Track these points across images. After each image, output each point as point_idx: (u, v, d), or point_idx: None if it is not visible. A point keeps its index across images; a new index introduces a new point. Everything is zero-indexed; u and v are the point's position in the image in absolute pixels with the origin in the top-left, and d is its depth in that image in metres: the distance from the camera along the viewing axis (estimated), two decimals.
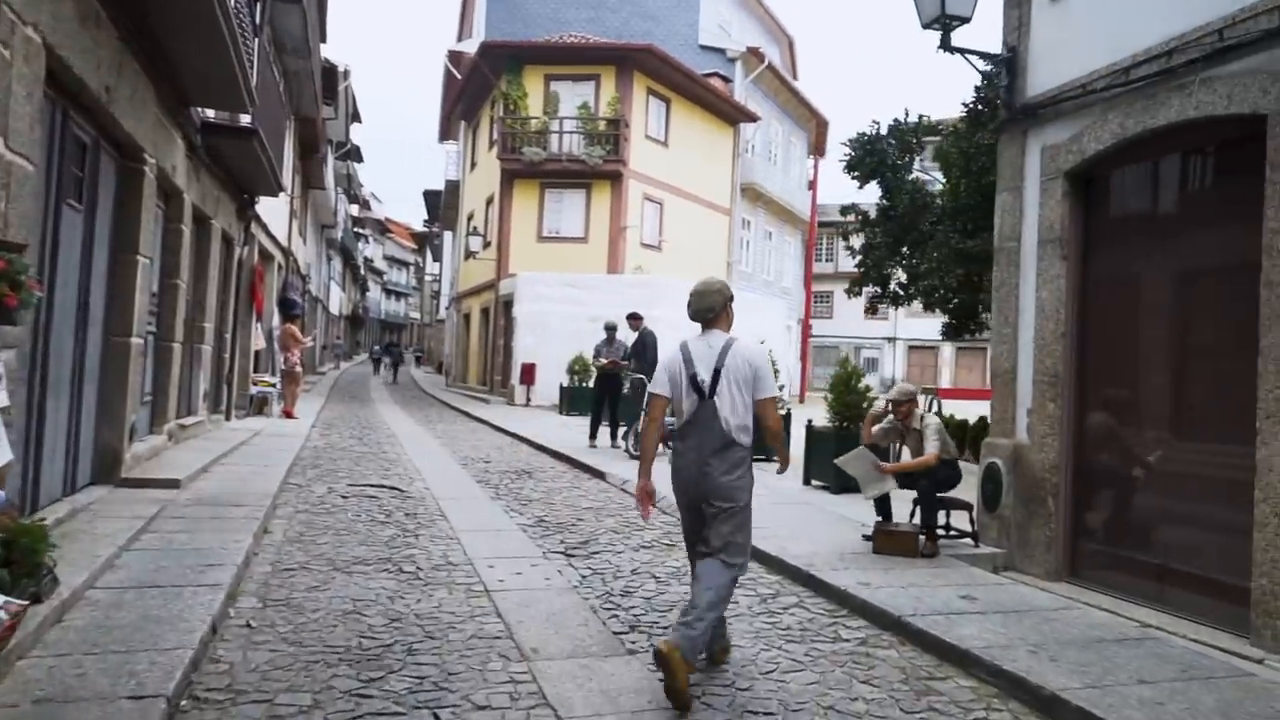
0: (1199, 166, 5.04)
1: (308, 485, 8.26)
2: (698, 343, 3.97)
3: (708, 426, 3.82)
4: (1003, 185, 6.39)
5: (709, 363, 3.86)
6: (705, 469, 3.81)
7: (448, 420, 17.25)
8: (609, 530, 6.84)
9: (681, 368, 3.91)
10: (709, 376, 3.84)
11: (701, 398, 3.84)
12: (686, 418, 3.89)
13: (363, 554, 5.70)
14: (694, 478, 3.85)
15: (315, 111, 18.07)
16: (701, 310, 4.00)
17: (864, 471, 6.08)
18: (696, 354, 3.91)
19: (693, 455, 3.85)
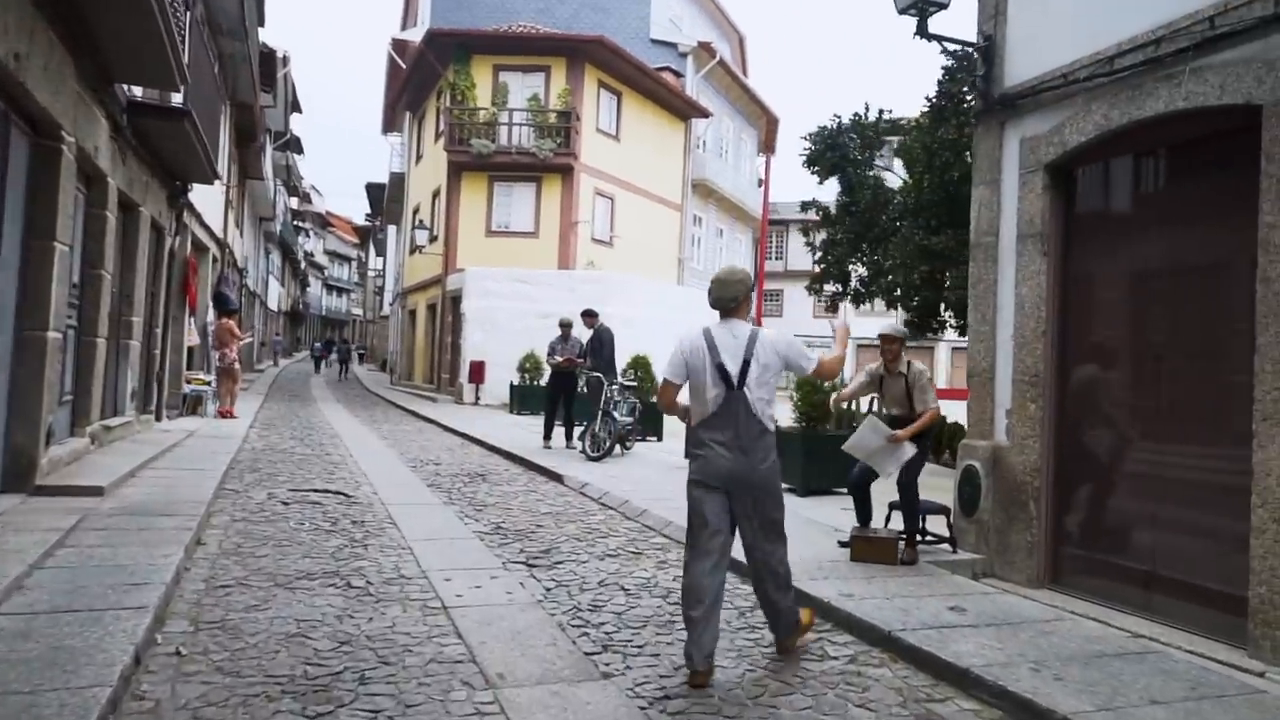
0: (1188, 159, 4.89)
1: (246, 491, 7.74)
2: (720, 331, 3.92)
3: (742, 417, 3.82)
4: (979, 178, 6.20)
5: (736, 353, 3.85)
6: (743, 459, 3.82)
7: (394, 420, 16.67)
8: (571, 537, 6.49)
9: (706, 356, 3.86)
10: (738, 367, 3.83)
11: (730, 388, 3.82)
12: (713, 408, 3.85)
13: (307, 567, 5.25)
14: (729, 468, 3.84)
15: (253, 98, 17.31)
16: (724, 299, 3.99)
17: (877, 446, 5.72)
18: (721, 343, 3.87)
19: (725, 446, 3.84)
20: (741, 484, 3.86)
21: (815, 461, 8.17)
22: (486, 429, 13.79)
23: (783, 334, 4.11)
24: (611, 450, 10.20)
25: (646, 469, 9.73)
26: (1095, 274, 5.49)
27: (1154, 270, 5.13)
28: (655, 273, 24.24)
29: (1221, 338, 4.69)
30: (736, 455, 3.83)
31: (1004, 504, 5.77)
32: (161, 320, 11.39)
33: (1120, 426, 5.29)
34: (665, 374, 4.04)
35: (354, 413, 17.96)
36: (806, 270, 42.20)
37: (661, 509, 7.20)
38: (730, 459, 3.83)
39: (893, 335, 6.00)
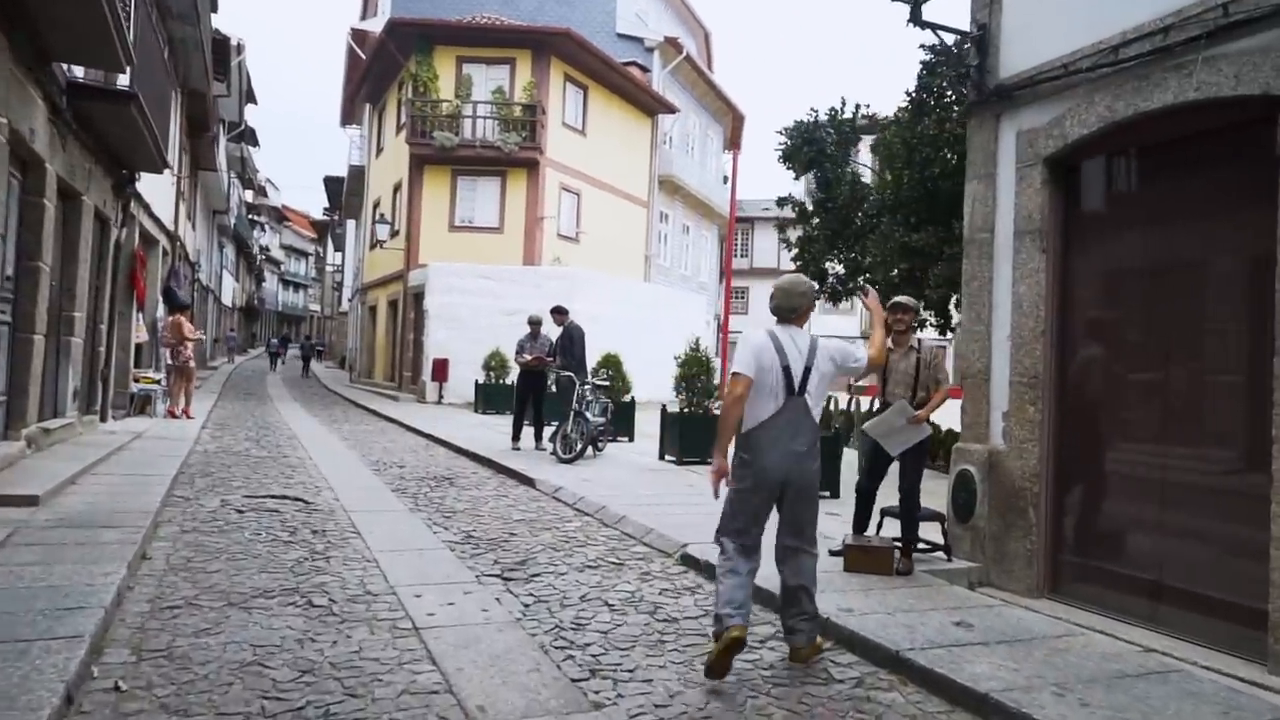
0: (1198, 152, 4.70)
1: (197, 498, 7.27)
2: (784, 335, 4.04)
3: (800, 421, 3.96)
4: (972, 172, 5.98)
5: (800, 359, 3.98)
6: (797, 460, 3.95)
7: (354, 419, 16.15)
8: (546, 547, 6.15)
9: (775, 356, 3.95)
10: (800, 373, 3.96)
11: (790, 393, 3.94)
12: (773, 410, 3.93)
13: (264, 584, 4.85)
14: (781, 468, 3.94)
15: (205, 86, 16.63)
16: (785, 308, 4.13)
17: (897, 427, 5.47)
18: (788, 346, 3.99)
19: (780, 447, 3.93)
20: (791, 486, 3.97)
21: None
22: (451, 429, 13.37)
23: (836, 342, 4.24)
24: (584, 452, 9.87)
25: (621, 471, 9.42)
26: (1097, 272, 5.29)
27: (1160, 268, 4.93)
28: (622, 270, 23.92)
29: (1234, 338, 4.51)
30: (791, 459, 3.93)
31: (1001, 510, 5.55)
32: (107, 316, 10.80)
33: (1124, 430, 5.10)
34: (738, 367, 3.97)
35: (312, 412, 17.38)
36: (772, 268, 42.34)
37: (640, 515, 6.89)
38: (785, 462, 3.93)
39: (906, 304, 5.70)
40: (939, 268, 9.00)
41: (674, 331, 23.56)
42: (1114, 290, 5.23)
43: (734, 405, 3.96)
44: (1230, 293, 4.60)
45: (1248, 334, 4.40)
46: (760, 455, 3.94)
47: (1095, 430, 5.25)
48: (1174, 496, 4.74)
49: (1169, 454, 4.80)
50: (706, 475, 9.91)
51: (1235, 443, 4.49)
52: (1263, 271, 4.17)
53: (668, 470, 9.70)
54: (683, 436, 10.09)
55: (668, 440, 10.43)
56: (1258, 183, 4.22)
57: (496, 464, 9.78)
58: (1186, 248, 4.80)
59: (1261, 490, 4.08)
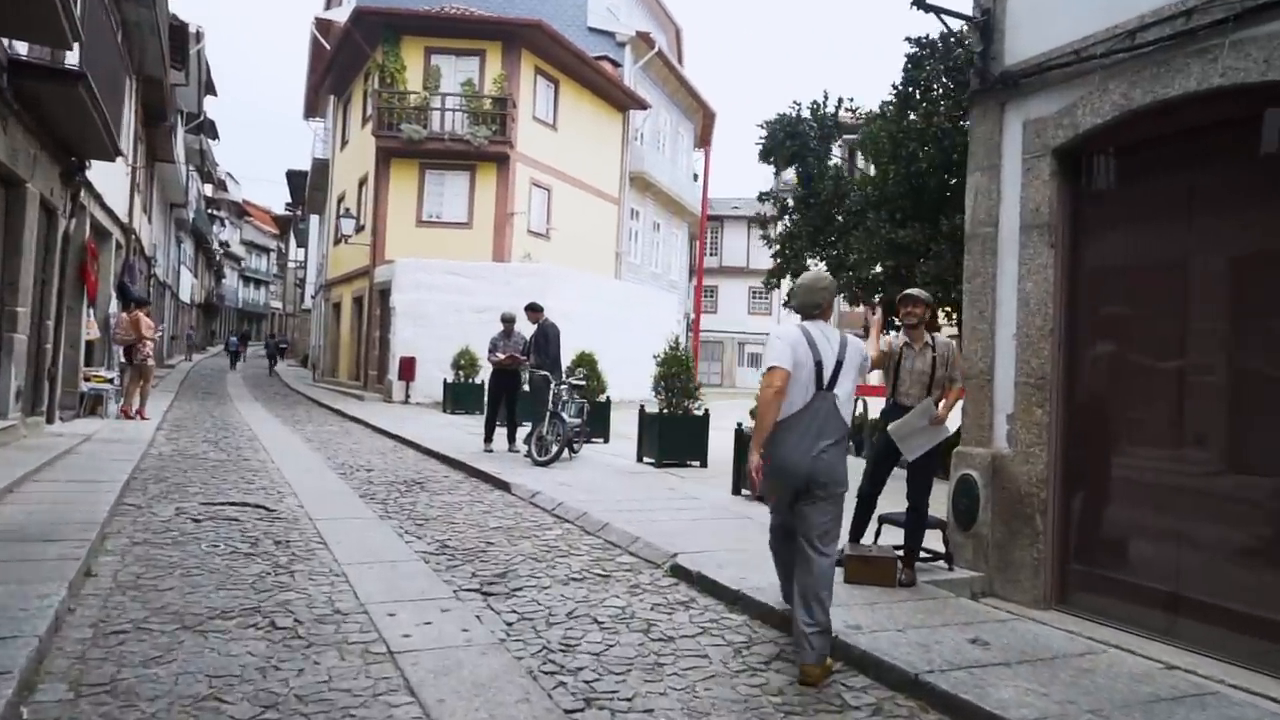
0: (1221, 141, 4.48)
1: (149, 506, 6.80)
2: (814, 330, 4.01)
3: (828, 417, 3.92)
4: (975, 164, 5.73)
5: (830, 355, 3.97)
6: (822, 456, 3.88)
7: (318, 420, 15.61)
8: (527, 557, 5.79)
9: (808, 351, 3.93)
10: (831, 368, 3.95)
11: (819, 388, 3.91)
12: (801, 406, 3.89)
13: (222, 603, 4.45)
14: (807, 465, 3.87)
15: (162, 72, 15.98)
16: (808, 305, 4.14)
17: (919, 428, 5.16)
18: (820, 342, 3.97)
19: (807, 444, 3.87)
20: (815, 483, 3.89)
21: None
22: (420, 430, 12.93)
23: (861, 341, 4.30)
24: (560, 454, 9.51)
25: (599, 475, 9.08)
26: (1108, 267, 5.06)
27: (1177, 263, 4.71)
28: (592, 267, 23.55)
29: (1258, 337, 4.29)
30: (817, 453, 3.87)
31: (1005, 517, 5.31)
32: (55, 311, 10.22)
33: (1137, 433, 4.87)
34: (775, 361, 3.90)
35: (274, 412, 16.80)
36: (741, 267, 42.30)
37: (624, 522, 6.56)
38: (809, 457, 3.87)
39: (917, 296, 5.39)
40: (926, 265, 8.77)
41: (645, 330, 23.27)
42: (1127, 287, 5.00)
43: (774, 399, 3.89)
44: (1252, 289, 4.38)
45: (1272, 332, 4.19)
46: (781, 450, 3.89)
47: (1106, 433, 5.02)
48: (1192, 503, 4.51)
49: (1186, 458, 4.58)
50: (688, 478, 9.62)
51: (1259, 446, 4.27)
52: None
53: (647, 473, 9.37)
54: (662, 438, 9.78)
55: (646, 442, 10.11)
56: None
57: (469, 467, 9.39)
58: (1206, 242, 4.57)
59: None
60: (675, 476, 9.15)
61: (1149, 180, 4.87)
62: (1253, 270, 4.40)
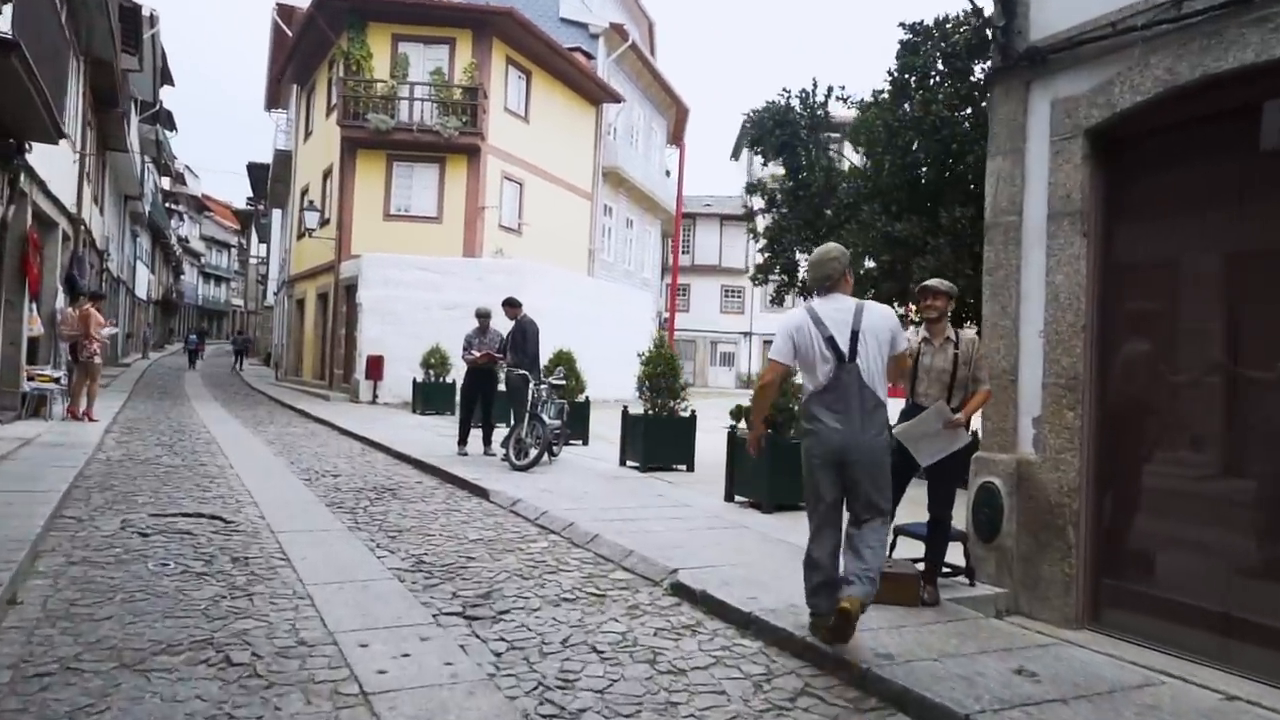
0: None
1: (92, 519, 6.19)
2: (824, 306, 3.98)
3: (855, 390, 3.88)
4: (996, 148, 5.33)
5: (844, 326, 3.90)
6: (854, 432, 3.87)
7: (280, 421, 14.92)
8: (512, 574, 5.29)
9: (814, 331, 3.91)
10: (848, 339, 3.89)
11: (841, 361, 3.88)
12: (825, 383, 3.90)
13: (168, 634, 3.90)
14: (842, 443, 3.88)
15: (112, 54, 15.17)
16: (820, 278, 4.09)
17: (932, 432, 4.70)
18: (827, 317, 3.92)
19: (839, 420, 3.87)
20: (852, 457, 3.88)
21: (782, 473, 7.21)
22: (389, 432, 12.34)
23: (887, 308, 4.15)
24: (540, 458, 9.00)
25: (582, 480, 8.58)
26: (1147, 258, 4.69)
27: (1225, 253, 4.34)
28: (565, 263, 23.01)
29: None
30: (848, 428, 3.87)
31: (1032, 529, 4.91)
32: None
33: (1180, 439, 4.50)
34: (771, 354, 4.06)
35: (234, 412, 16.07)
36: (714, 265, 41.98)
37: (615, 534, 6.08)
38: (842, 431, 3.87)
39: (937, 288, 4.95)
40: (924, 260, 8.40)
41: (618, 328, 22.80)
42: (1168, 279, 4.63)
43: (763, 391, 4.20)
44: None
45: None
46: (818, 424, 3.93)
47: (1145, 438, 4.64)
48: (1243, 515, 4.14)
49: (1236, 466, 4.21)
50: (677, 484, 9.09)
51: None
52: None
53: (632, 478, 8.90)
54: (647, 441, 9.31)
55: (630, 444, 9.64)
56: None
57: (443, 472, 8.84)
58: (1258, 231, 4.20)
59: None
60: (662, 481, 8.69)
61: (1194, 163, 4.49)
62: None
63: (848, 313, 3.94)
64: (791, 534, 6.41)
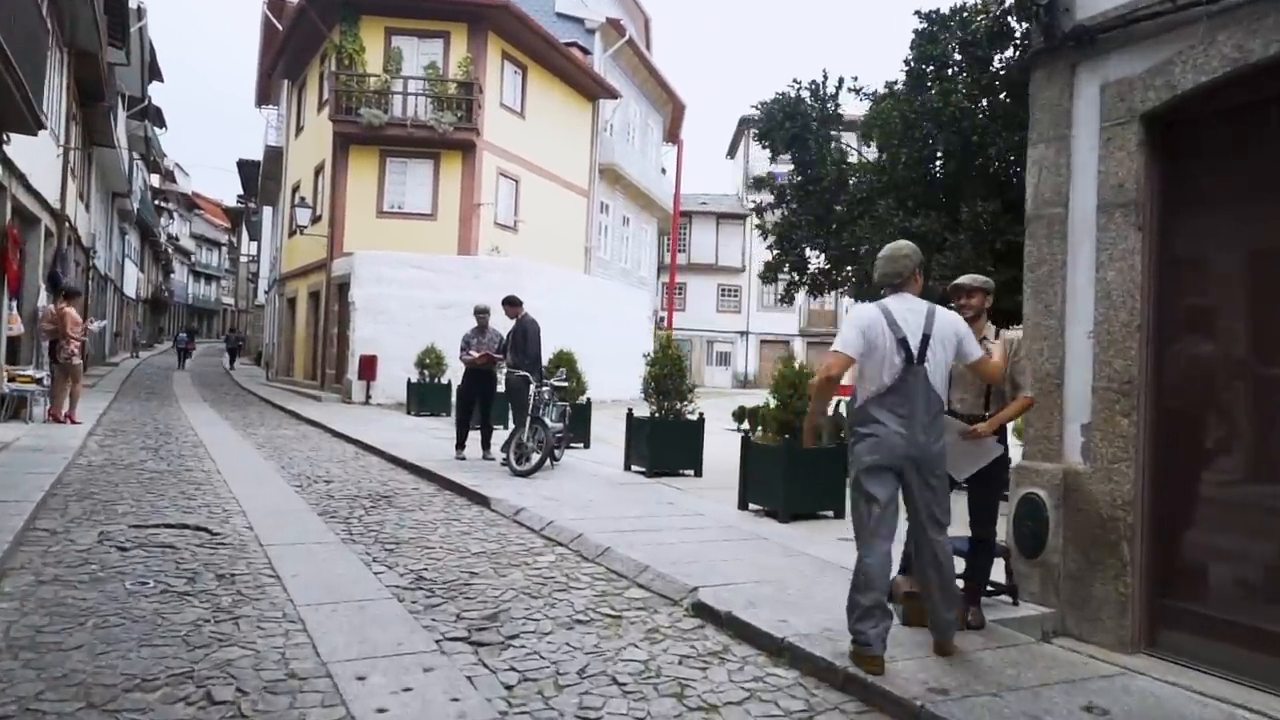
0: None
1: (67, 531, 5.79)
2: (897, 305, 3.84)
3: (920, 394, 3.76)
4: (1039, 135, 4.98)
5: (916, 328, 3.79)
6: (920, 439, 3.75)
7: (271, 423, 14.50)
8: (520, 592, 4.92)
9: (886, 330, 3.77)
10: (918, 341, 3.78)
11: (909, 363, 3.76)
12: (890, 384, 3.76)
13: (144, 666, 3.52)
14: (903, 448, 3.74)
15: (97, 46, 14.72)
16: (890, 274, 3.95)
17: (958, 445, 4.27)
18: (900, 317, 3.79)
19: (901, 424, 3.74)
20: (915, 463, 3.76)
21: (798, 479, 6.86)
22: (384, 435, 11.95)
23: (955, 314, 4.05)
24: (542, 463, 8.62)
25: (587, 487, 8.21)
26: (1210, 252, 4.35)
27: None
28: (561, 261, 22.62)
29: None
30: (912, 433, 3.74)
31: (1082, 544, 4.56)
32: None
33: (1246, 447, 4.16)
34: (838, 345, 3.81)
35: (223, 414, 15.64)
36: (710, 264, 41.62)
37: (627, 546, 5.71)
38: (906, 437, 3.73)
39: (970, 285, 4.57)
40: (944, 256, 8.06)
41: (615, 328, 22.42)
42: (1234, 274, 4.28)
43: (825, 385, 3.88)
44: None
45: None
46: (878, 427, 3.75)
47: (1207, 447, 4.30)
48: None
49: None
50: (686, 490, 8.63)
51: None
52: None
53: (639, 484, 8.53)
54: (654, 445, 8.94)
55: (635, 449, 9.27)
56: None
57: (441, 478, 8.46)
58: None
59: None
60: (670, 488, 8.32)
61: (1264, 149, 4.14)
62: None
63: (920, 315, 3.81)
64: (812, 545, 6.06)
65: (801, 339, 42.23)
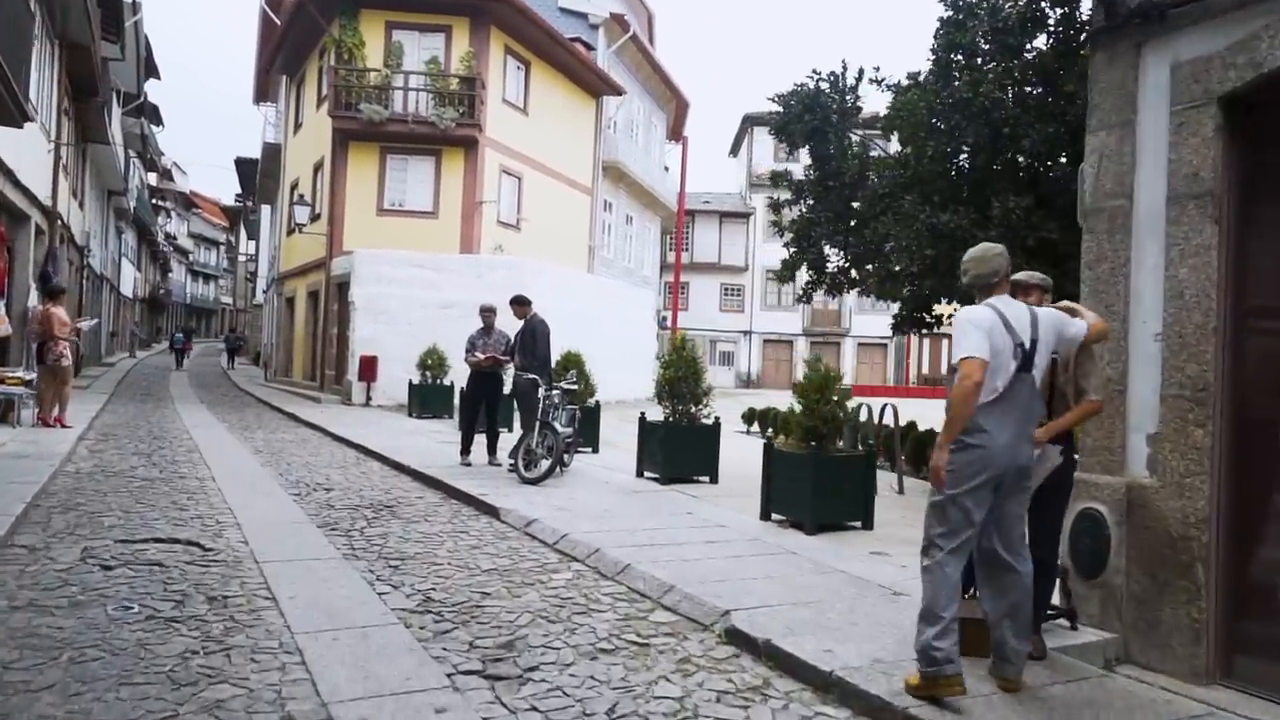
0: None
1: (48, 547, 5.41)
2: (1004, 307, 3.61)
3: (1028, 403, 3.60)
4: (1100, 121, 4.61)
5: (1026, 331, 3.58)
6: (1024, 447, 3.59)
7: (269, 426, 14.12)
8: (536, 615, 4.54)
9: (1008, 335, 3.53)
10: (1029, 347, 3.58)
11: (1022, 369, 3.56)
12: (1001, 391, 3.52)
13: (122, 711, 3.15)
14: (1009, 458, 3.51)
15: (89, 38, 14.32)
16: (986, 275, 3.75)
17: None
18: (1014, 320, 3.57)
19: (1009, 437, 3.52)
20: (1018, 476, 3.59)
21: (826, 490, 6.49)
22: (385, 438, 11.57)
23: (1054, 312, 3.85)
24: (552, 470, 8.24)
25: (599, 495, 7.83)
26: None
27: None
28: (565, 260, 22.24)
29: None
30: (1019, 443, 3.55)
31: (1148, 565, 4.19)
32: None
33: None
34: (970, 350, 3.44)
35: (220, 416, 15.25)
36: (713, 263, 41.25)
37: (648, 562, 5.34)
38: (1012, 449, 3.51)
39: (1028, 282, 4.23)
40: None
41: (620, 327, 22.05)
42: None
43: (971, 395, 3.43)
44: None
45: None
46: (987, 438, 3.47)
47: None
48: None
49: None
50: (703, 498, 8.32)
51: None
52: None
53: (654, 492, 8.15)
54: (668, 450, 8.57)
55: (648, 454, 8.89)
56: None
57: (447, 485, 8.08)
58: None
59: None
60: (687, 495, 7.94)
61: None
62: None
63: (1025, 319, 3.60)
64: (844, 560, 5.69)
65: (805, 338, 41.88)
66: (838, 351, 41.51)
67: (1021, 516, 3.69)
